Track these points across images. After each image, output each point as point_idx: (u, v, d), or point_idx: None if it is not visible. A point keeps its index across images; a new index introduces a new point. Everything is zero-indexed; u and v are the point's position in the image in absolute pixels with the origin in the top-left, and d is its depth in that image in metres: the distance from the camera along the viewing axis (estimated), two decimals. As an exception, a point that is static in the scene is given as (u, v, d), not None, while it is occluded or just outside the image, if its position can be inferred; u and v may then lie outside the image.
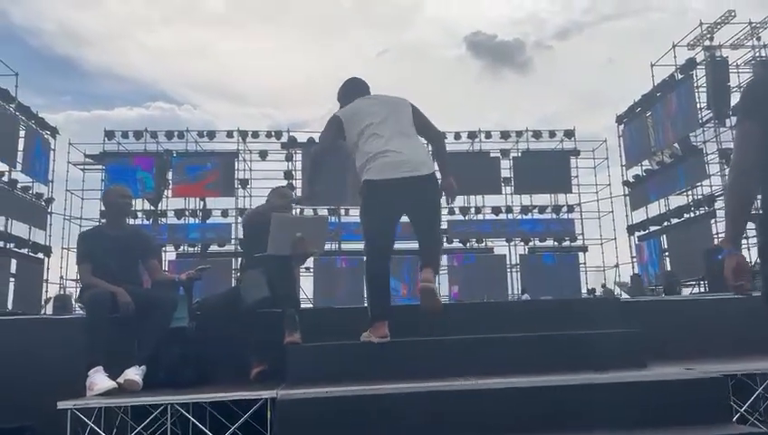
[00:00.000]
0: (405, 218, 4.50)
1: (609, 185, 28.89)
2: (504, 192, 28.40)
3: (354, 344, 4.08)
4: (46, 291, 25.58)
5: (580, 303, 6.01)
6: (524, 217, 28.42)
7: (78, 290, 5.96)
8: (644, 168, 27.48)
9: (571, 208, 28.74)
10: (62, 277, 26.50)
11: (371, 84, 4.63)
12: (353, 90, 4.20)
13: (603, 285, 29.22)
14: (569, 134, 29.00)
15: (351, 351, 4.02)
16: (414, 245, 4.71)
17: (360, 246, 27.91)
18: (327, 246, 27.80)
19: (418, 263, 4.04)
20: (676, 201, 25.11)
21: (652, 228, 26.79)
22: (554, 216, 28.64)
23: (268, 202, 5.01)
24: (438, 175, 4.21)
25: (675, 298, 6.58)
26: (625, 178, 28.63)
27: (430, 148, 4.48)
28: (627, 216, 28.65)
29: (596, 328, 4.56)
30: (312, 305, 29.50)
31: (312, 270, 27.02)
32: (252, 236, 4.66)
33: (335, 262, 27.35)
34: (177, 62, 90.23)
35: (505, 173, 28.48)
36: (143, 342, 4.32)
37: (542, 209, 28.57)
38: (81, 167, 28.13)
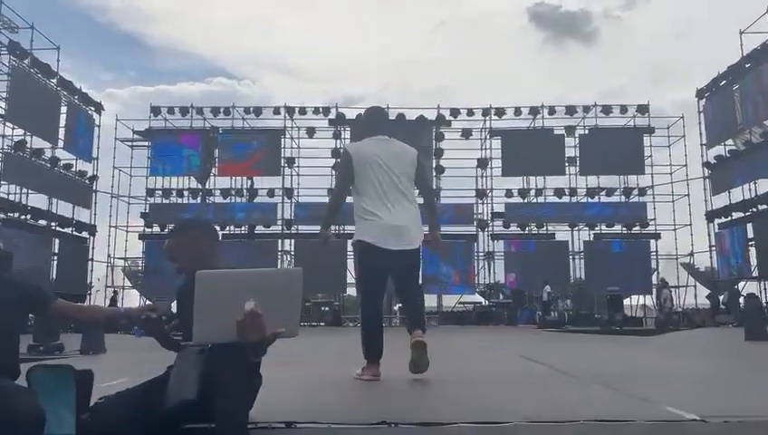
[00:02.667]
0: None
1: (686, 166, 26.28)
2: (567, 173, 26.21)
3: None
4: (92, 270, 25.33)
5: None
6: (590, 200, 26.16)
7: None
8: (728, 148, 24.66)
9: (642, 191, 26.28)
10: (109, 256, 26.26)
11: (429, 59, 3.92)
12: (373, 124, 4.21)
13: (687, 265, 26.82)
14: (642, 109, 26.47)
15: None
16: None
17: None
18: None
19: (407, 326, 4.05)
20: (766, 186, 22.30)
21: (735, 215, 24.04)
22: (624, 199, 26.27)
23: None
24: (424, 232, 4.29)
25: None
26: (705, 159, 25.85)
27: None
28: (705, 200, 25.91)
29: None
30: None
31: (352, 254, 25.70)
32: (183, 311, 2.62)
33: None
34: (237, 38, 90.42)
35: (570, 152, 26.28)
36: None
37: (610, 192, 26.25)
38: (129, 143, 27.59)
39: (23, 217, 20.82)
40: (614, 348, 7.98)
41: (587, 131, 26.43)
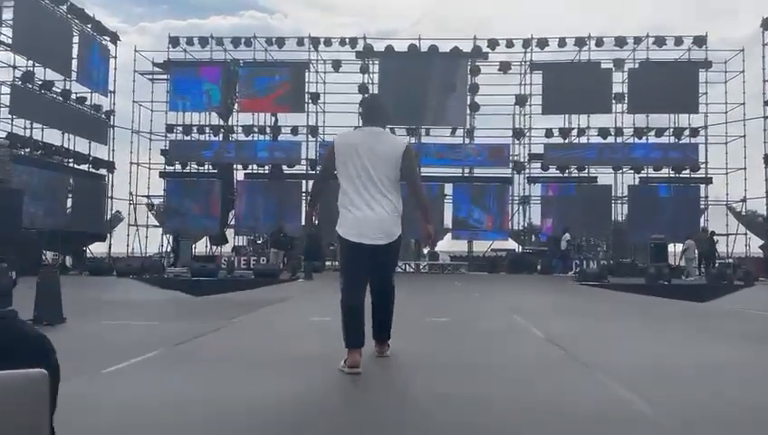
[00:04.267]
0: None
1: (744, 104, 23.91)
2: (614, 111, 24.10)
3: None
4: (111, 208, 24.60)
5: None
6: (638, 140, 24.15)
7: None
8: (795, 84, 22.25)
9: (694, 132, 24.10)
10: (131, 194, 25.41)
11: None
12: (368, 114, 4.24)
13: (731, 207, 24.92)
14: (699, 41, 24.00)
15: None
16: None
17: (439, 170, 25.17)
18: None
19: (372, 331, 4.00)
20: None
21: (799, 159, 21.91)
22: (674, 140, 24.17)
23: None
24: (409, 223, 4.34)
25: None
26: (767, 97, 23.47)
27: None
28: (765, 142, 23.65)
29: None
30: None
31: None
32: None
33: (413, 188, 24.45)
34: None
35: (618, 88, 24.09)
36: None
37: (659, 132, 24.13)
38: (150, 76, 26.32)
39: (35, 153, 19.92)
40: (691, 340, 5.67)
41: (637, 65, 24.19)
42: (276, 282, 13.96)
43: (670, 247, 22.53)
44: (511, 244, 26.09)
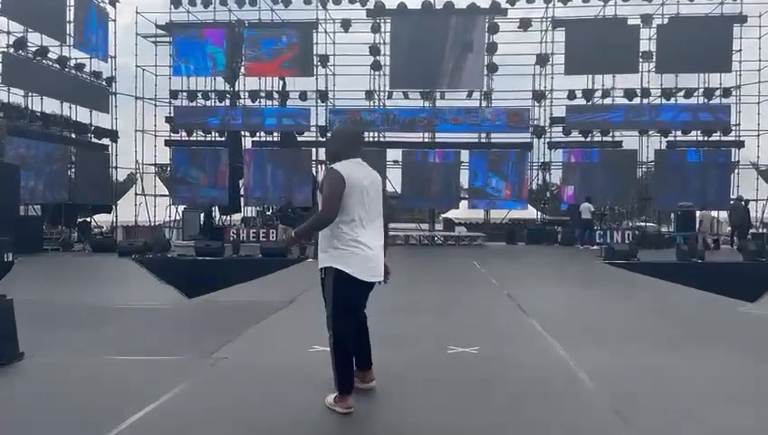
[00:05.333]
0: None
1: (779, 61, 22.45)
2: (641, 70, 22.68)
3: None
4: (115, 178, 23.85)
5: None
6: (666, 102, 22.80)
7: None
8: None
9: (726, 92, 22.68)
10: (137, 162, 24.60)
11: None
12: (351, 146, 3.99)
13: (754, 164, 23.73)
14: (734, -7, 22.37)
15: None
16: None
17: (455, 135, 24.07)
18: (418, 138, 23.88)
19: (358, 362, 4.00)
20: None
21: (840, 121, 20.57)
22: (705, 101, 22.78)
23: None
24: None
25: None
26: (806, 54, 21.97)
27: None
28: (801, 102, 22.29)
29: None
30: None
31: (400, 163, 23.51)
32: None
33: (427, 155, 23.45)
34: None
35: (645, 46, 22.63)
36: None
37: (688, 93, 22.76)
38: (153, 39, 25.18)
39: (33, 124, 19.11)
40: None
41: (666, 21, 22.64)
42: (284, 264, 13.16)
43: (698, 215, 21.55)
44: (530, 211, 25.11)
